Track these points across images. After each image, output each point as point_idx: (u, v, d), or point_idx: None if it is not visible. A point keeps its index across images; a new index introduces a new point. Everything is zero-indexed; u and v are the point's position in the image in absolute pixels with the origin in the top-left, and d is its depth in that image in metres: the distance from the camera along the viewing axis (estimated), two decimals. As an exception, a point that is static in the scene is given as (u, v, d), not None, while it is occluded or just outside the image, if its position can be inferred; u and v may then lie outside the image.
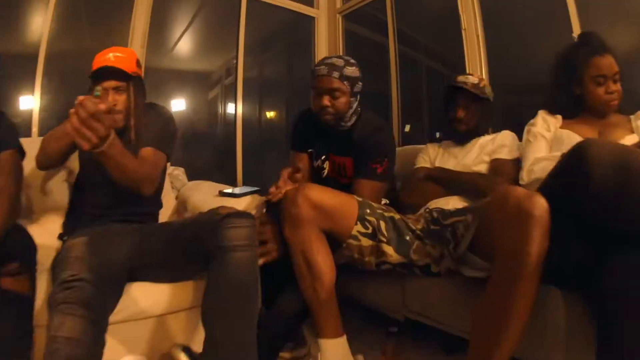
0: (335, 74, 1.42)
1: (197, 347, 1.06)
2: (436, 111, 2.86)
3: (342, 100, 1.45)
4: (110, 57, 1.26)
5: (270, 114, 3.46)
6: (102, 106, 0.90)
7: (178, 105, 2.86)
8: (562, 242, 0.83)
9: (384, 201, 1.56)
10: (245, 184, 2.70)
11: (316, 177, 1.63)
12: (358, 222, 1.20)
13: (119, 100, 1.27)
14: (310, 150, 1.66)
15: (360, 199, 1.27)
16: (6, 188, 1.10)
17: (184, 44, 2.96)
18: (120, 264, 1.14)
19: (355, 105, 1.52)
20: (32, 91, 2.07)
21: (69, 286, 0.92)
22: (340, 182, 1.54)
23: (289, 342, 1.38)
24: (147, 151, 1.26)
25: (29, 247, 1.10)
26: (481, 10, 2.20)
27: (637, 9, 1.80)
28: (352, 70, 1.46)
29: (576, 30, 1.84)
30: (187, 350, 1.08)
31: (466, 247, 1.01)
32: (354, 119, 1.54)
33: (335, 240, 1.22)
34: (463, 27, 2.23)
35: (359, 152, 1.49)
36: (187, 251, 1.13)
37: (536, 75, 2.10)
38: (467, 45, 2.22)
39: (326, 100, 1.44)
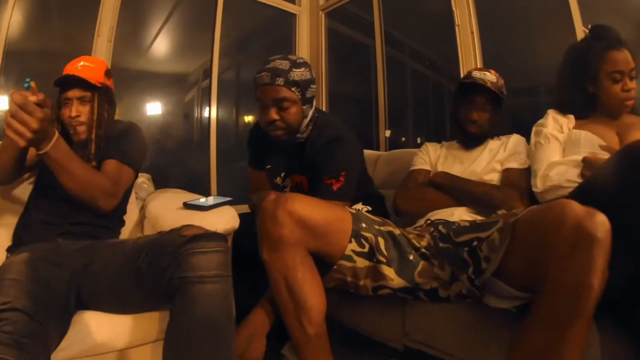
0: (280, 81, 1.20)
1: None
2: (420, 116, 2.76)
3: (292, 110, 1.24)
4: (78, 66, 1.22)
5: (248, 118, 3.26)
6: (32, 98, 0.88)
7: (152, 108, 2.66)
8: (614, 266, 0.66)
9: (365, 208, 1.36)
10: (219, 193, 2.49)
11: None
12: (352, 240, 1.00)
13: (82, 111, 1.21)
14: (268, 166, 1.46)
15: (353, 211, 1.07)
16: None
17: (159, 44, 2.74)
18: (65, 290, 0.95)
19: (310, 113, 1.31)
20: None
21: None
22: None
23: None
24: (109, 164, 1.18)
25: None
26: (476, 6, 2.06)
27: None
28: (300, 73, 1.24)
29: (578, 28, 1.72)
30: None
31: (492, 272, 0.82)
32: (309, 129, 1.33)
33: (323, 262, 1.02)
34: (457, 23, 2.08)
35: (312, 168, 1.29)
36: (143, 281, 0.92)
37: (535, 76, 1.99)
38: (461, 42, 2.07)
39: (273, 113, 1.23)
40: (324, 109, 2.98)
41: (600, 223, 0.63)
